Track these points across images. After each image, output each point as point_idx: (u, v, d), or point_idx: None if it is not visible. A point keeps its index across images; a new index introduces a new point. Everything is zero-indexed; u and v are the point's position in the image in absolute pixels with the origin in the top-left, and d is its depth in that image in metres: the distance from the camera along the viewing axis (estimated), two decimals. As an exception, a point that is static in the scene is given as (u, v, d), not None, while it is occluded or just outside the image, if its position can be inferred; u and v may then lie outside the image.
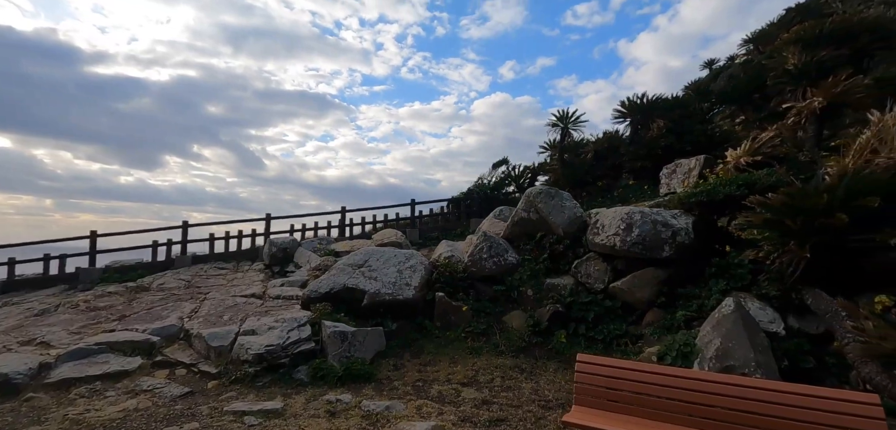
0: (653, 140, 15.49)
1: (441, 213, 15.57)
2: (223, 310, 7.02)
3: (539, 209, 7.01)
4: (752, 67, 18.21)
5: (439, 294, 6.46)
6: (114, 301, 9.01)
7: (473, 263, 6.95)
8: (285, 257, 12.03)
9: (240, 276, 11.31)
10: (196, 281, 10.70)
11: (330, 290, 6.39)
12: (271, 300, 7.46)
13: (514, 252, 7.06)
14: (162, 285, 10.36)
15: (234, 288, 9.14)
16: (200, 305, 7.63)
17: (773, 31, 23.80)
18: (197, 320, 6.47)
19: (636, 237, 5.85)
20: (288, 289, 7.96)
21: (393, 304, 6.26)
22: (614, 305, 6.09)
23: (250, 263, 13.03)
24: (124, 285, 10.46)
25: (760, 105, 16.83)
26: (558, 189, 7.24)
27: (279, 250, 11.95)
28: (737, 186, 5.81)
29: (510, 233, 7.44)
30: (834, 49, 15.06)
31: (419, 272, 6.72)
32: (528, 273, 6.80)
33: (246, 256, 13.44)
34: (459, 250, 7.84)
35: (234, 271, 12.20)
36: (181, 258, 12.72)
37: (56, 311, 8.71)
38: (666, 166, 14.35)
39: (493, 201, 15.91)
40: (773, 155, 9.01)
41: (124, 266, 12.93)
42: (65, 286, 11.88)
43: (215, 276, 11.44)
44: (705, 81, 21.01)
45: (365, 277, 6.57)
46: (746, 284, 5.53)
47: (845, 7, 22.37)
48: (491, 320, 6.46)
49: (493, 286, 6.80)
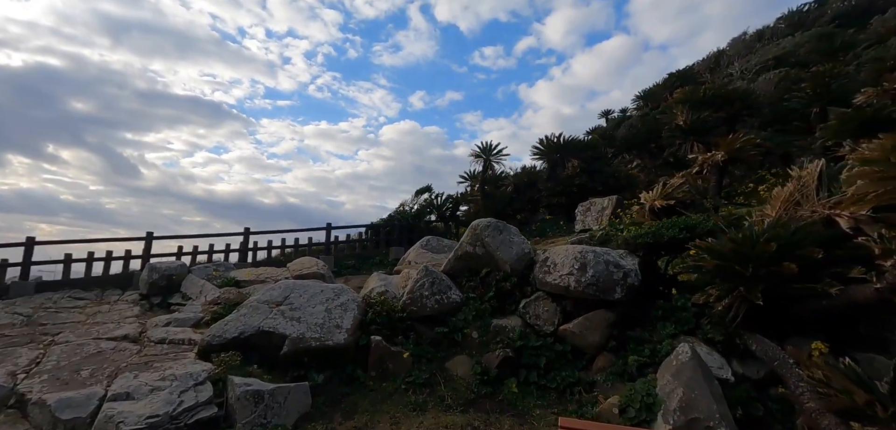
0: (568, 178, 16.26)
1: (358, 239, 14.47)
2: (81, 360, 5.28)
3: (486, 244, 6.51)
4: (648, 121, 20.34)
5: (376, 338, 5.55)
6: None
7: (413, 301, 6.17)
8: (170, 285, 9.99)
9: (105, 309, 9.05)
10: (40, 316, 8.28)
11: (240, 334, 5.13)
12: (153, 345, 5.84)
13: (457, 290, 6.44)
14: (-14, 321, 7.81)
15: (98, 327, 7.15)
16: (45, 352, 5.71)
17: (658, 91, 27.11)
18: (39, 378, 4.71)
19: (591, 278, 5.61)
20: (176, 330, 6.36)
21: (320, 351, 5.21)
22: (565, 349, 5.75)
23: (120, 292, 10.62)
24: (-76, 322, 7.68)
25: (656, 153, 18.74)
26: (506, 223, 6.84)
27: (162, 276, 9.89)
28: (678, 229, 5.92)
29: (452, 268, 6.83)
30: (714, 111, 17.36)
31: (351, 312, 5.74)
32: (473, 313, 6.21)
33: (114, 282, 10.96)
34: (394, 284, 7.00)
35: (97, 302, 9.78)
36: (20, 284, 9.91)
37: None
38: (581, 204, 15.05)
39: (414, 230, 15.26)
40: (682, 200, 9.70)
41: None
42: None
43: (70, 309, 9.02)
44: (609, 128, 23.00)
45: (285, 318, 5.42)
46: (691, 327, 5.56)
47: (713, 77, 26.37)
48: (433, 367, 5.71)
49: (435, 328, 6.07)
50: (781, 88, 18.38)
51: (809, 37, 24.09)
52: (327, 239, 13.28)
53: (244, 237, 12.30)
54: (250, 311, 5.45)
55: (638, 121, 20.73)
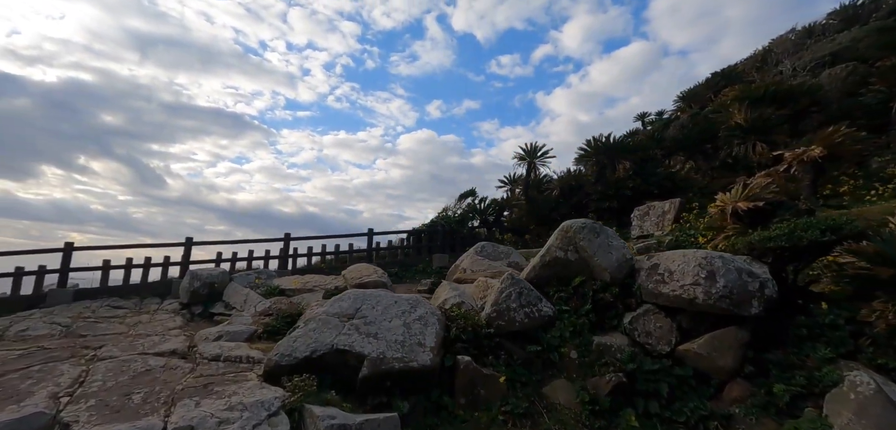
0: (619, 181, 15.23)
1: (400, 246, 13.74)
2: (130, 381, 4.60)
3: (580, 248, 5.63)
4: (699, 121, 19.17)
5: (463, 359, 4.71)
6: (-63, 360, 5.93)
7: (499, 314, 5.33)
8: (211, 294, 9.39)
9: (145, 319, 8.47)
10: (80, 327, 7.74)
11: (312, 353, 4.36)
12: (207, 363, 5.13)
13: (547, 301, 5.56)
14: (25, 331, 7.30)
15: (142, 340, 6.52)
16: (89, 369, 5.07)
17: (701, 91, 25.89)
18: (85, 403, 4.03)
19: (722, 289, 4.68)
20: (229, 345, 5.65)
21: (404, 374, 4.40)
22: (685, 373, 4.81)
23: (160, 300, 10.08)
24: (-40, 332, 7.20)
25: (711, 154, 17.58)
26: (602, 225, 5.95)
27: (203, 285, 9.30)
28: (820, 230, 4.94)
29: (537, 276, 5.96)
30: (776, 108, 16.15)
31: (432, 327, 4.93)
32: (569, 329, 5.32)
33: (153, 290, 10.45)
34: (469, 295, 6.17)
35: (136, 311, 9.25)
36: (58, 292, 9.45)
37: None
38: (637, 208, 13.99)
39: (457, 236, 14.46)
40: (773, 201, 8.65)
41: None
42: None
43: (109, 318, 8.47)
44: (656, 129, 21.84)
45: (360, 333, 4.64)
46: (850, 350, 4.56)
47: (762, 75, 24.97)
48: (530, 393, 4.84)
49: (527, 346, 5.21)
50: (850, 83, 17.04)
51: (868, 31, 22.58)
52: (369, 246, 12.57)
53: (284, 244, 11.69)
54: (320, 325, 4.69)
55: (688, 121, 19.56)
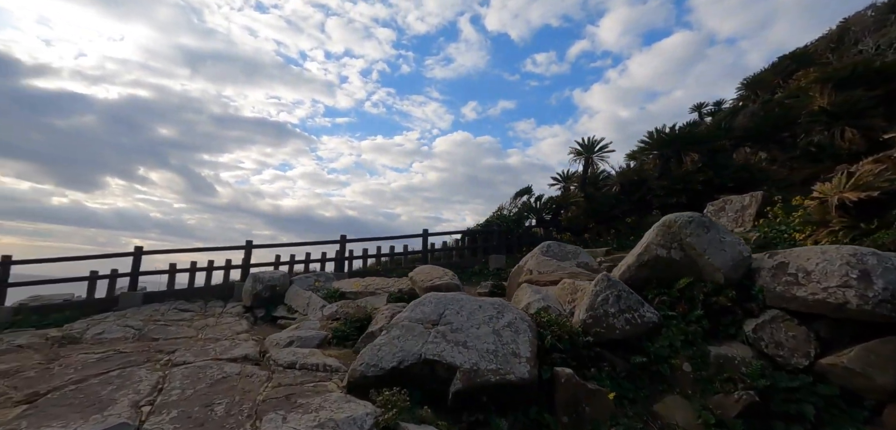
0: (688, 174, 14.12)
1: (455, 247, 13.32)
2: (208, 389, 4.38)
3: (687, 245, 4.95)
4: (773, 106, 17.62)
5: (564, 371, 4.17)
6: (24, 362, 6.03)
7: (596, 320, 4.74)
8: (273, 297, 9.32)
9: (212, 322, 8.46)
10: (151, 329, 7.79)
11: (399, 363, 3.96)
12: (282, 371, 4.86)
13: (650, 307, 4.92)
14: (101, 335, 7.41)
15: (213, 344, 6.40)
16: (166, 375, 4.91)
17: (767, 77, 24.01)
18: (167, 414, 3.81)
19: (881, 292, 3.89)
20: (303, 351, 5.37)
21: (500, 387, 3.92)
22: (832, 392, 4.05)
23: (223, 303, 10.15)
24: (44, 334, 7.40)
25: (789, 143, 16.07)
26: (710, 218, 5.24)
27: (265, 288, 9.23)
28: None
29: (633, 277, 5.32)
30: (866, 90, 14.50)
31: (525, 335, 4.42)
32: (679, 338, 4.66)
33: (215, 293, 10.54)
34: (553, 298, 5.62)
35: (202, 314, 9.30)
36: (129, 295, 9.67)
37: (-77, 378, 5.66)
38: (711, 203, 12.90)
39: (513, 236, 13.87)
40: (889, 190, 7.55)
41: (47, 304, 9.68)
42: (-47, 332, 8.52)
43: (177, 322, 8.53)
44: (722, 118, 20.32)
45: (448, 342, 4.20)
46: None
47: (840, 55, 22.79)
48: (640, 411, 4.23)
49: (630, 357, 4.60)
50: (957, 57, 15.11)
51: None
52: (424, 247, 12.22)
53: (340, 246, 11.54)
54: (404, 332, 4.29)
55: (759, 109, 18.02)
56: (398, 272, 11.68)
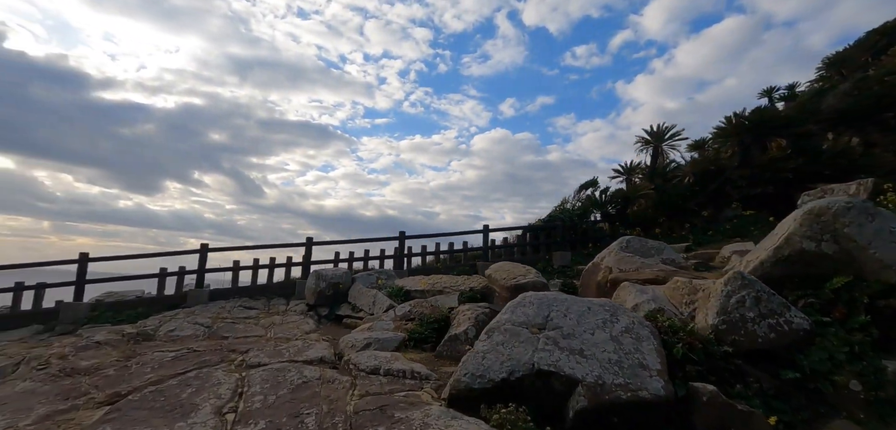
0: (774, 162, 12.74)
1: (516, 244, 12.65)
2: (291, 395, 4.01)
3: (842, 237, 4.10)
4: (870, 83, 15.71)
5: (705, 388, 3.46)
6: (103, 359, 5.99)
7: (731, 326, 3.99)
8: (336, 295, 9.05)
9: (277, 320, 8.28)
10: (220, 327, 7.69)
11: (509, 375, 3.41)
12: (366, 377, 4.44)
13: (798, 311, 4.10)
14: (173, 332, 7.36)
15: (284, 344, 6.12)
16: (244, 378, 4.62)
17: (852, 54, 21.69)
18: (254, 426, 3.45)
19: None
20: (383, 355, 4.94)
21: (631, 406, 3.27)
22: None
23: (285, 301, 10.03)
24: (120, 331, 7.44)
25: (892, 125, 14.24)
26: (876, 206, 4.35)
27: (329, 285, 8.97)
28: None
29: (768, 275, 4.51)
30: None
31: (649, 343, 3.75)
32: (842, 350, 3.83)
33: (277, 291, 10.45)
34: (662, 298, 4.89)
35: (266, 311, 9.19)
36: (196, 292, 9.72)
37: (13, 374, 5.71)
38: (806, 193, 11.49)
39: (577, 231, 13.03)
40: None
41: (121, 301, 9.91)
42: (39, 327, 8.84)
43: (244, 319, 8.42)
44: (805, 99, 18.42)
45: (561, 349, 3.60)
46: None
47: (945, 26, 20.14)
48: (802, 439, 3.46)
49: (779, 371, 3.82)
50: None
51: None
52: (484, 244, 11.64)
53: (399, 243, 11.17)
54: (508, 338, 3.73)
55: (852, 88, 16.12)
56: (458, 270, 11.19)
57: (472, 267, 11.50)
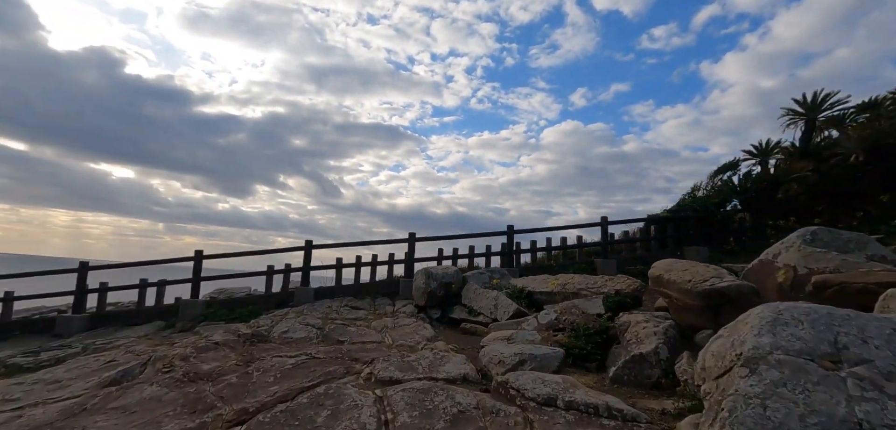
0: None
1: (640, 238, 11.03)
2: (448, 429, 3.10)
3: None
4: None
5: None
6: (223, 362, 5.59)
7: None
8: (448, 296, 8.20)
9: (389, 322, 7.61)
10: (332, 329, 7.15)
11: (828, 441, 2.16)
12: (539, 409, 3.40)
13: None
14: (286, 334, 6.93)
15: (409, 355, 5.31)
16: (383, 401, 3.81)
17: None
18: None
19: None
20: (554, 380, 3.87)
21: None
22: None
23: (390, 301, 9.42)
24: (235, 331, 7.17)
25: None
26: None
27: (440, 285, 8.14)
28: None
29: None
30: None
31: None
32: None
33: (380, 290, 9.88)
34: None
35: (373, 312, 8.61)
36: (302, 291, 9.42)
37: (139, 376, 5.48)
38: None
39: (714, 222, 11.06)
40: None
41: (232, 298, 9.91)
42: (161, 323, 9.02)
43: (353, 321, 7.86)
44: None
45: (891, 397, 2.28)
46: None
47: None
48: None
49: None
50: None
51: None
52: (603, 237, 10.18)
53: (507, 238, 10.11)
54: (790, 376, 2.46)
55: None
56: (574, 268, 9.87)
57: (589, 264, 10.12)
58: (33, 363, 6.97)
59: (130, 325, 9.10)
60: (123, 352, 6.86)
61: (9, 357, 7.24)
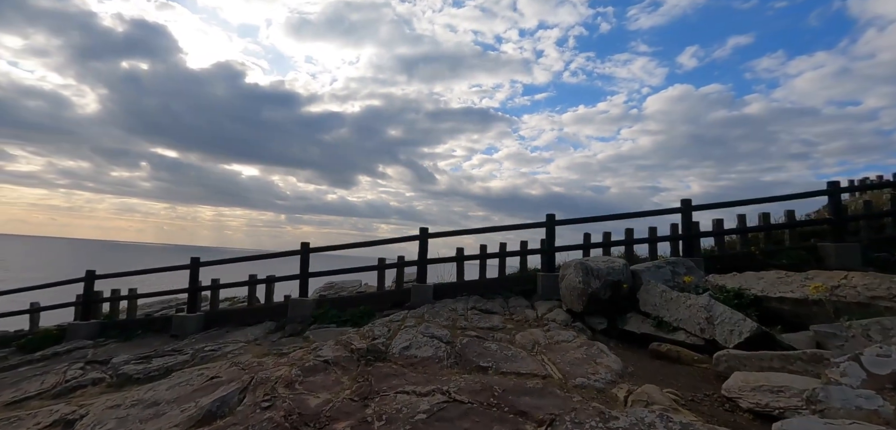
0: None
1: (888, 210, 7.53)
2: None
3: None
4: None
5: None
6: (334, 394, 4.05)
7: None
8: (614, 298, 5.96)
9: (540, 337, 5.63)
10: (465, 345, 5.38)
11: None
12: None
13: None
14: (408, 349, 5.30)
15: (610, 411, 3.26)
16: None
17: None
18: None
19: None
20: None
21: None
22: None
23: (526, 300, 7.44)
24: (347, 343, 5.76)
25: None
26: None
27: (604, 285, 5.93)
28: None
29: None
30: None
31: None
32: None
33: (511, 286, 7.93)
34: None
35: (509, 317, 6.72)
36: (419, 288, 7.86)
37: (237, 408, 4.21)
38: None
39: None
40: None
41: (342, 297, 8.76)
42: (271, 325, 8.13)
43: (489, 331, 6.02)
44: None
45: None
46: None
47: None
48: None
49: None
50: None
51: None
52: (835, 210, 6.92)
53: (683, 217, 7.43)
54: None
55: None
56: (786, 256, 6.90)
57: (809, 250, 7.06)
58: (143, 374, 6.32)
59: (243, 325, 8.38)
60: (229, 365, 5.84)
61: (124, 363, 6.73)
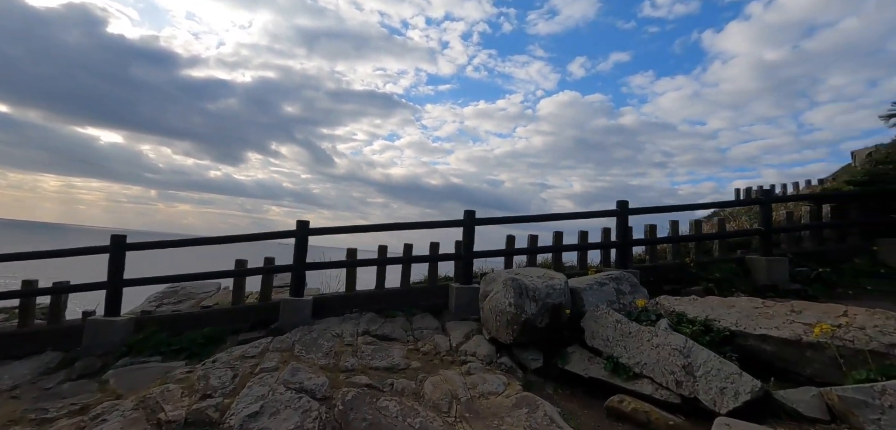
0: None
1: (808, 223, 7.32)
2: None
3: None
4: None
5: None
6: None
7: None
8: (554, 324, 4.58)
9: (456, 382, 3.97)
10: (351, 404, 3.51)
11: None
12: None
13: None
14: (256, 422, 3.29)
15: None
16: None
17: None
18: None
19: None
20: None
21: None
22: None
23: (435, 320, 5.79)
24: (156, 413, 3.52)
25: None
26: None
27: (542, 310, 4.49)
28: None
29: None
30: None
31: None
32: None
33: (416, 300, 6.22)
34: None
35: (414, 347, 4.99)
36: (292, 304, 5.73)
37: None
38: None
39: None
40: None
41: (179, 315, 6.18)
42: (56, 358, 5.32)
43: (388, 374, 4.20)
44: None
45: None
46: None
47: None
48: None
49: None
50: None
51: None
52: (765, 219, 6.45)
53: (619, 220, 6.40)
54: None
55: None
56: (720, 269, 6.25)
57: (738, 262, 6.53)
58: None
59: (8, 358, 5.44)
60: None
61: None
